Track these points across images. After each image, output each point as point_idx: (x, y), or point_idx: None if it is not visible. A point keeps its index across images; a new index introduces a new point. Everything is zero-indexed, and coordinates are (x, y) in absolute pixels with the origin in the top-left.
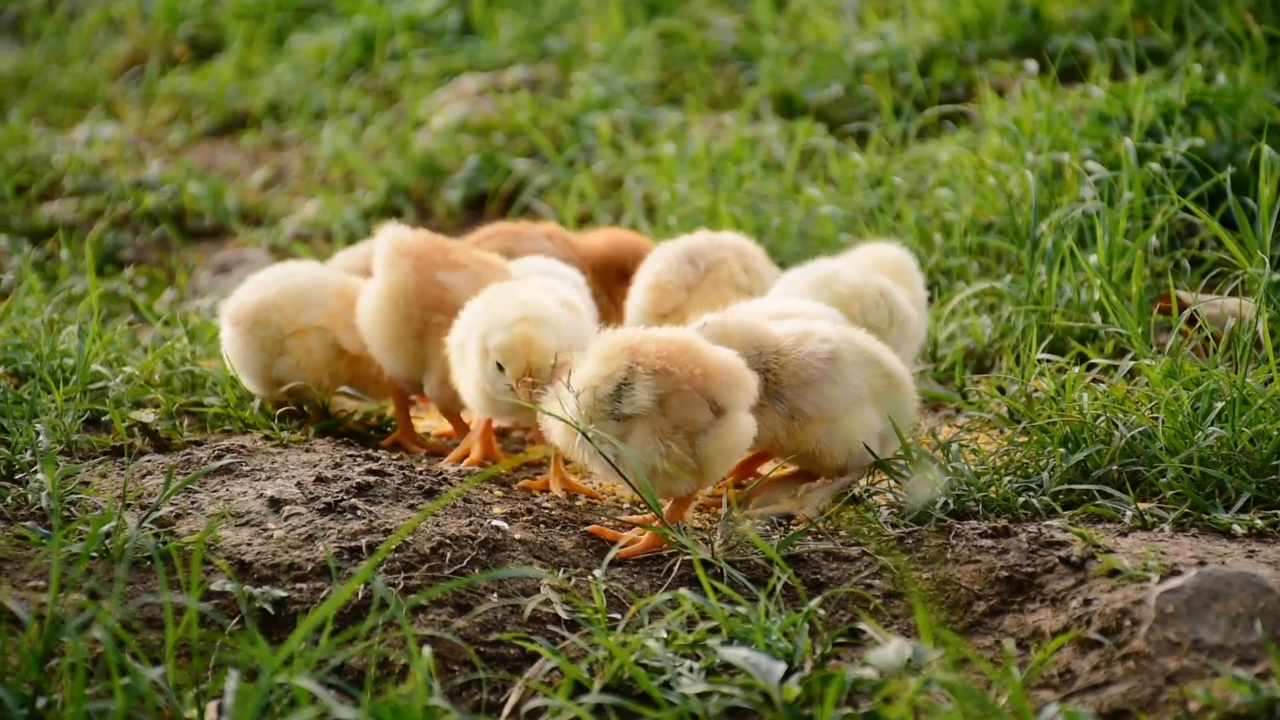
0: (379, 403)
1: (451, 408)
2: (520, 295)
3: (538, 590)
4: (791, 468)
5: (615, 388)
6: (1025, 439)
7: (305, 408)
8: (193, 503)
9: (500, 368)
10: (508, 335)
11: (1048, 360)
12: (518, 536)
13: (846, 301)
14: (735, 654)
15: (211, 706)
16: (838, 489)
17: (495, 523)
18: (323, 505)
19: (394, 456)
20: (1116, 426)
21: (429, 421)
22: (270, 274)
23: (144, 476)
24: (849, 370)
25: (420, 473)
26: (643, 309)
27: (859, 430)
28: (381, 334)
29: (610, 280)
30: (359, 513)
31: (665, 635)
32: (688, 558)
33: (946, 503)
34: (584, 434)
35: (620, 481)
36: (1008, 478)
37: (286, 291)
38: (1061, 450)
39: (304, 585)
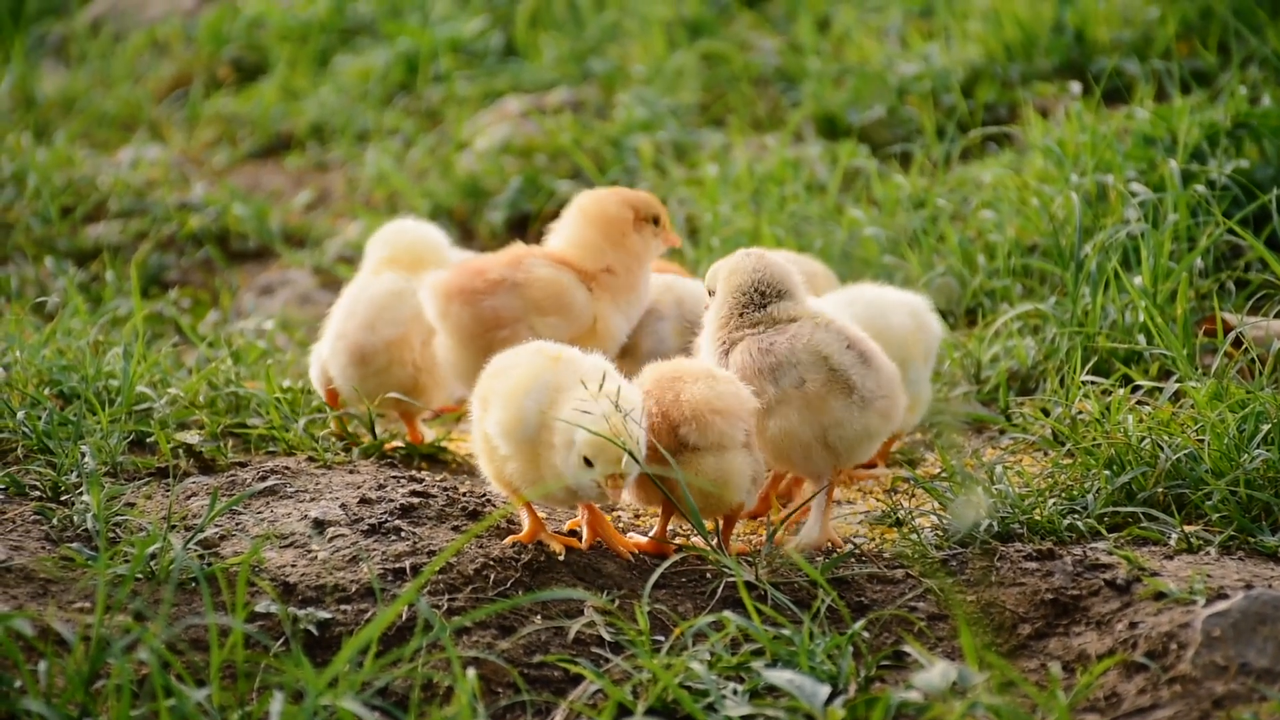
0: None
1: None
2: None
3: (581, 612)
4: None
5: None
6: (1070, 461)
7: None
8: (237, 524)
9: (588, 463)
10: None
11: (1092, 382)
12: (561, 558)
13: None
14: (779, 676)
15: None
16: (820, 506)
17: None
18: (367, 527)
19: (437, 478)
20: (1162, 449)
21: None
22: (372, 302)
23: (189, 498)
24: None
25: (464, 494)
26: None
27: (781, 434)
28: (463, 373)
29: None
30: (403, 534)
31: (709, 657)
32: (732, 580)
33: (991, 525)
34: (631, 454)
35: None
36: (1052, 500)
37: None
38: (1106, 473)
39: (348, 607)
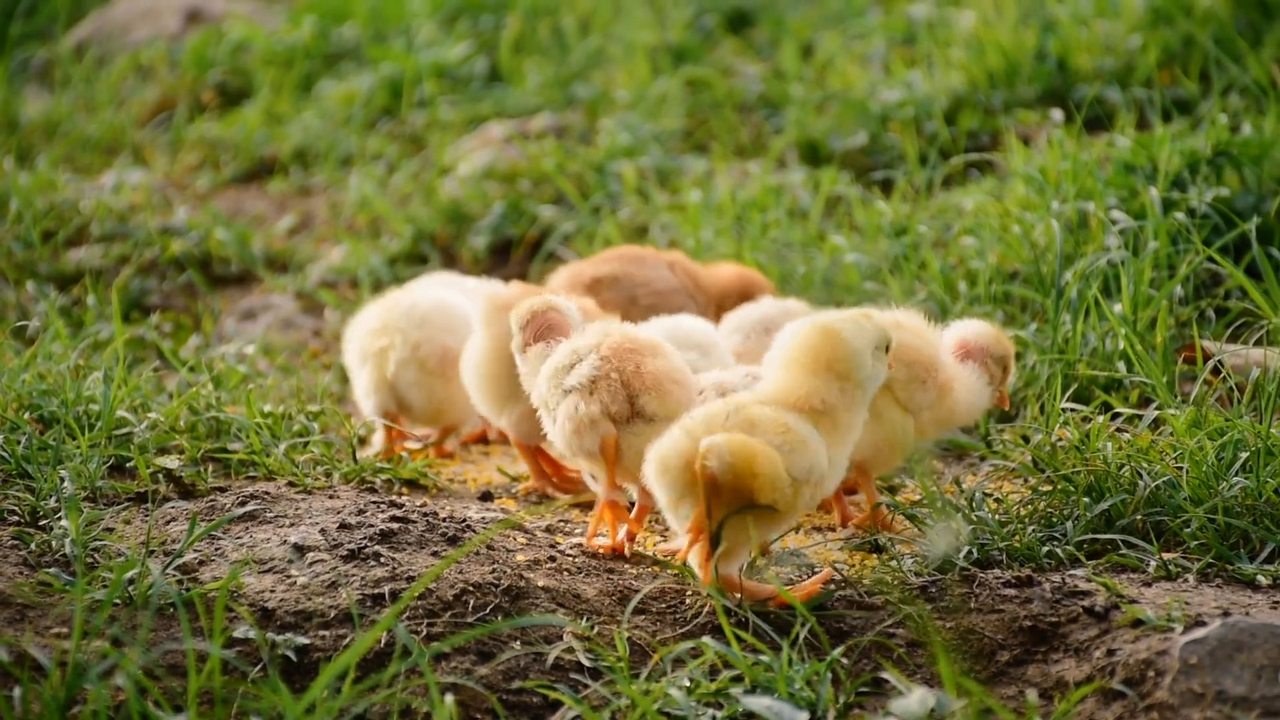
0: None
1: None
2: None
3: (560, 638)
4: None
5: (573, 361)
6: (1049, 488)
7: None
8: (216, 549)
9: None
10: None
11: (1072, 409)
12: (540, 584)
13: None
14: (758, 703)
15: None
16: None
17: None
18: (346, 552)
19: (418, 503)
20: (1141, 476)
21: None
22: (434, 310)
23: (168, 523)
24: None
25: (444, 519)
26: None
27: None
28: (487, 386)
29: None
30: (382, 559)
31: (688, 683)
32: (711, 606)
33: (970, 552)
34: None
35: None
36: (1031, 527)
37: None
38: (1085, 500)
39: (327, 632)
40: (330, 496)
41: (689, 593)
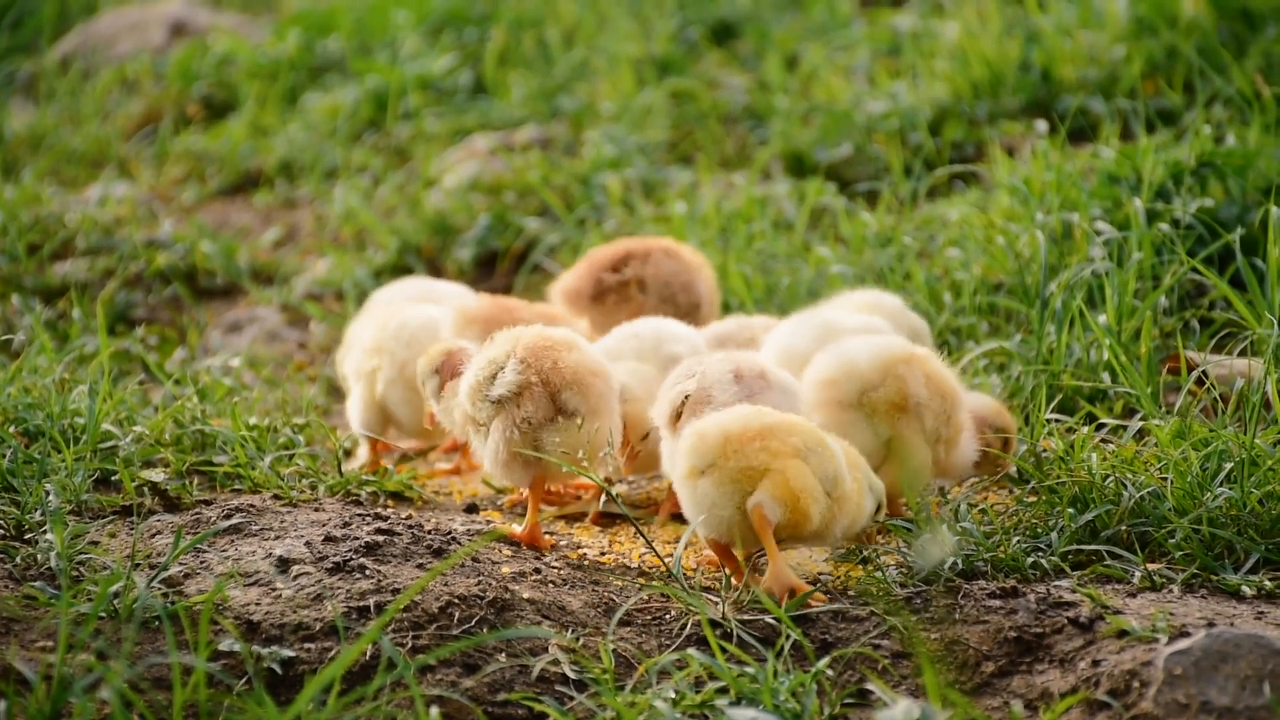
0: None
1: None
2: None
3: (546, 650)
4: None
5: (493, 371)
6: (1034, 499)
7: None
8: (201, 562)
9: None
10: None
11: (1057, 420)
12: (526, 596)
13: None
14: (743, 715)
15: None
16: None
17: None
18: (331, 564)
19: (403, 516)
20: (1125, 487)
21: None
22: (422, 329)
23: (153, 536)
24: None
25: (429, 532)
26: None
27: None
28: None
29: None
30: (367, 572)
31: (673, 695)
32: (697, 617)
33: (955, 563)
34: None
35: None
36: (1016, 538)
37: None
38: (1070, 510)
39: (312, 645)
40: (315, 509)
41: (674, 604)
